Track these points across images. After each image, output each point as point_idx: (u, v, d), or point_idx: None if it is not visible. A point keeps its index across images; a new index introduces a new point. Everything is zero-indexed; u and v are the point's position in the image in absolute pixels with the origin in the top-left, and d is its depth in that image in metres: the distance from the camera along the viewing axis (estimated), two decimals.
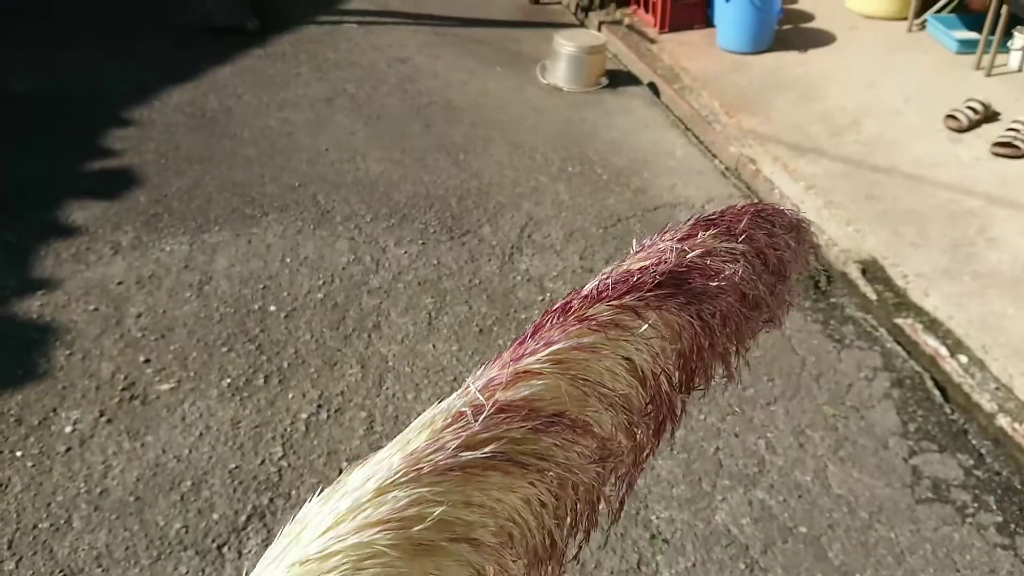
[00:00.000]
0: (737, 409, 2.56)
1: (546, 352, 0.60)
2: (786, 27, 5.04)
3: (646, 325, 0.64)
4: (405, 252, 3.19)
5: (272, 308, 2.88)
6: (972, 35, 4.60)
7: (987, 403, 2.58)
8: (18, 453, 2.31)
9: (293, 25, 5.23)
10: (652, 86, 4.67)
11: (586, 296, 0.65)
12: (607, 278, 0.67)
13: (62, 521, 2.13)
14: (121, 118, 4.04)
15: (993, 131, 3.86)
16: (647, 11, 5.25)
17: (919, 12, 4.94)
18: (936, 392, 2.67)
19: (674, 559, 2.12)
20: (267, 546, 1.68)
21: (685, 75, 4.64)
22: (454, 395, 0.58)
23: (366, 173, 3.72)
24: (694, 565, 2.11)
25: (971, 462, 2.43)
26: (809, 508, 2.27)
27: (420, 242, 3.25)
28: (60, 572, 2.02)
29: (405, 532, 0.51)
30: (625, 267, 0.70)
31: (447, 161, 3.84)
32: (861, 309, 3.02)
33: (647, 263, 0.70)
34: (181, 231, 3.26)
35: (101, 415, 2.44)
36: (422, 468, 0.53)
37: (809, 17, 5.26)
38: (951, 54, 4.65)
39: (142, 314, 2.83)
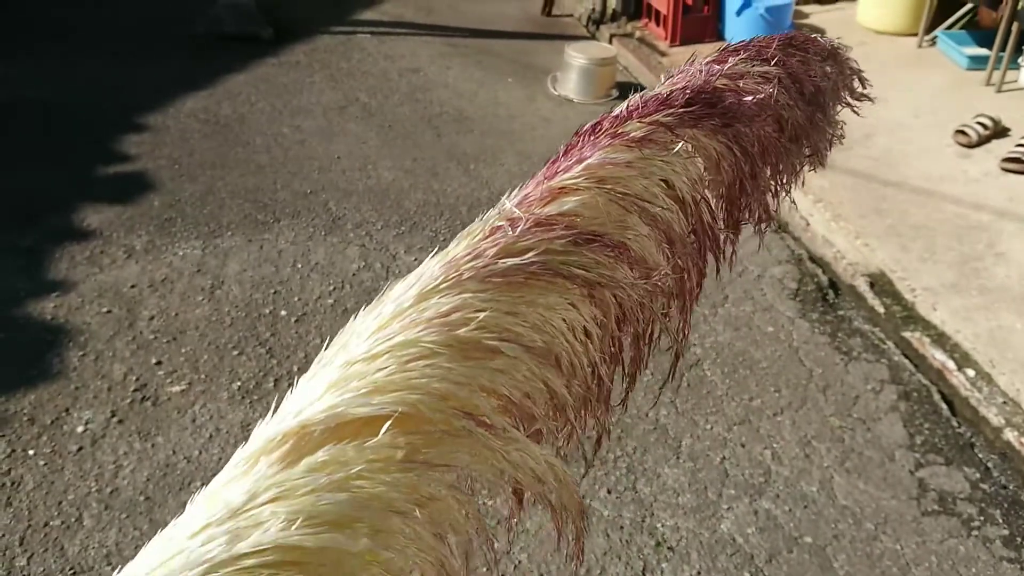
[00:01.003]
0: (744, 419, 2.57)
1: (580, 167, 0.57)
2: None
3: (682, 143, 0.60)
4: (415, 259, 3.22)
5: (283, 313, 2.91)
6: (982, 51, 4.62)
7: (994, 417, 2.58)
8: (31, 452, 2.34)
9: (307, 35, 5.29)
10: None
11: (616, 116, 0.62)
12: (637, 99, 0.64)
13: (73, 519, 2.16)
14: (136, 124, 4.09)
15: (1002, 147, 3.87)
16: (658, 24, 5.29)
17: (930, 28, 4.97)
18: (943, 405, 2.67)
19: (679, 567, 2.13)
20: None
21: None
22: (490, 211, 0.55)
23: (377, 181, 3.76)
24: (699, 573, 2.12)
25: (977, 475, 2.43)
26: (815, 518, 2.27)
27: (431, 249, 3.25)
28: (70, 569, 2.04)
29: (451, 332, 0.49)
30: (654, 92, 0.66)
31: (458, 170, 3.87)
32: (869, 322, 3.02)
33: (677, 86, 0.65)
34: (194, 236, 3.29)
35: (113, 415, 2.47)
36: (463, 275, 0.51)
37: (820, 32, 5.29)
38: (961, 70, 4.66)
39: (154, 317, 2.86)
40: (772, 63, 0.71)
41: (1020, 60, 4.43)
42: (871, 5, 5.23)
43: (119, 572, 0.43)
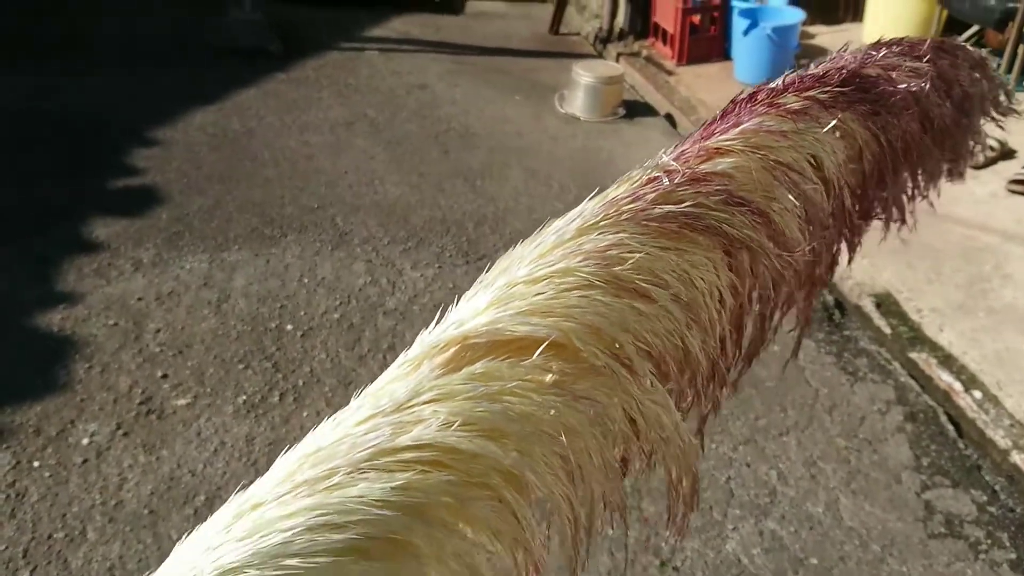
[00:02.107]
0: (749, 439, 2.56)
1: (736, 131, 0.58)
2: (803, 61, 5.09)
3: (834, 121, 0.61)
4: (421, 275, 3.22)
5: (289, 327, 2.91)
6: None
7: (1001, 439, 2.57)
8: (35, 463, 2.34)
9: (316, 51, 5.33)
10: (669, 117, 4.72)
11: (773, 88, 0.62)
12: (794, 75, 0.64)
13: (77, 532, 2.15)
14: (145, 138, 4.12)
15: (1009, 168, 3.88)
16: (665, 43, 5.32)
17: None
18: (950, 427, 2.66)
19: None
20: None
21: (702, 107, 4.68)
22: (648, 162, 0.56)
23: (384, 196, 3.77)
24: None
25: (984, 498, 2.41)
26: (821, 540, 2.26)
27: (436, 266, 3.29)
28: None
29: (608, 268, 0.50)
30: (810, 71, 0.66)
31: (464, 187, 3.88)
32: (875, 342, 3.02)
33: (831, 68, 0.66)
34: (201, 249, 3.30)
35: (118, 428, 2.47)
36: (622, 214, 0.53)
37: (826, 52, 5.31)
38: None
39: (161, 330, 2.87)
40: (924, 60, 0.71)
41: None
42: (877, 26, 5.25)
43: (292, 448, 0.46)
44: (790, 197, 0.59)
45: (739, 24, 4.96)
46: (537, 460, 0.47)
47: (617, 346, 0.50)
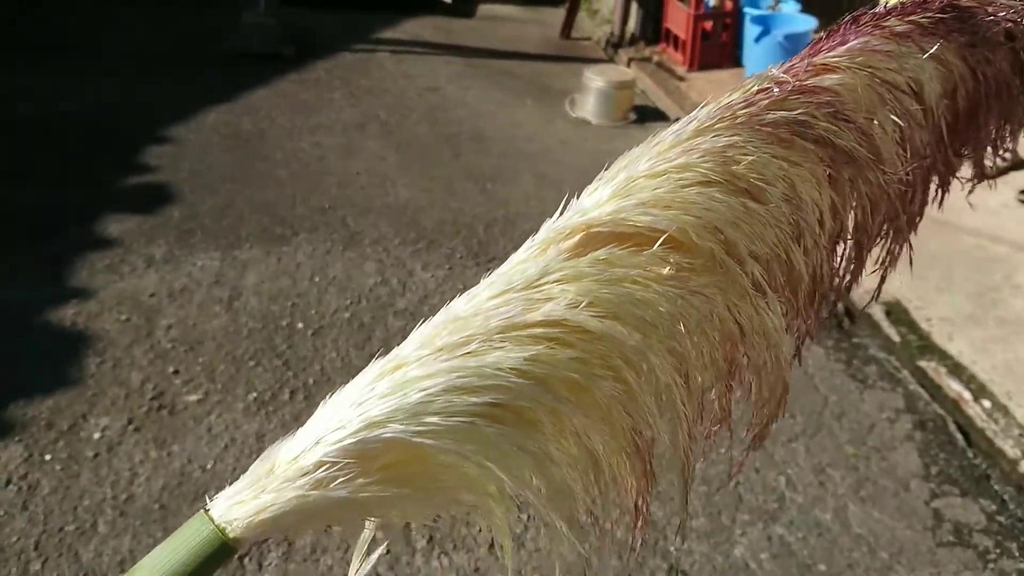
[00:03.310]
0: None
1: (843, 48, 0.60)
2: None
3: (937, 45, 0.62)
4: (432, 276, 3.23)
5: (300, 325, 2.92)
6: None
7: (1010, 449, 2.57)
8: (47, 457, 2.35)
9: (328, 52, 5.36)
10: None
11: (876, 12, 0.64)
12: (896, 0, 0.65)
13: (88, 525, 2.17)
14: (158, 137, 4.14)
15: (1020, 179, 3.87)
16: (676, 49, 5.33)
17: None
18: (959, 436, 2.66)
19: None
20: (287, 560, 1.72)
21: None
22: (759, 73, 0.58)
23: (395, 198, 3.79)
24: None
25: (993, 507, 2.41)
26: (829, 547, 2.26)
27: (447, 267, 3.30)
28: (84, 575, 2.05)
29: (725, 167, 0.52)
30: None
31: (475, 189, 3.89)
32: (884, 350, 3.02)
33: None
34: (213, 247, 3.32)
35: (129, 423, 2.48)
36: (737, 118, 0.54)
37: None
38: None
39: (172, 326, 2.88)
40: None
41: None
42: None
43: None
44: (892, 118, 0.59)
45: (751, 31, 4.97)
46: (656, 349, 0.49)
47: (731, 244, 0.51)
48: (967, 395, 2.76)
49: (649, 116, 4.79)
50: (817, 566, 2.20)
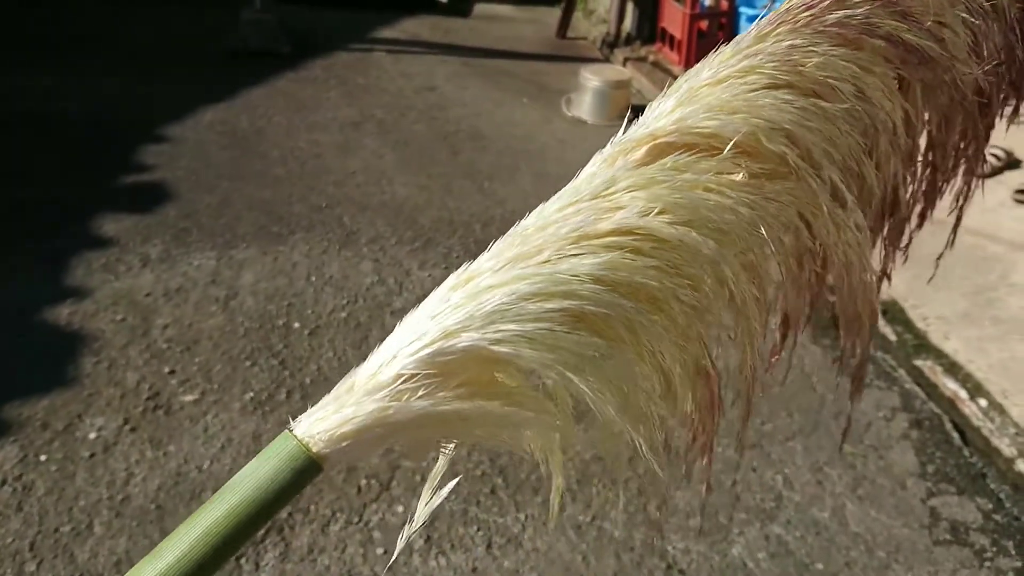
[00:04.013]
0: (755, 443, 2.57)
1: None
2: None
3: None
4: (428, 275, 3.23)
5: (296, 325, 2.92)
6: None
7: (1006, 448, 2.57)
8: (42, 457, 2.34)
9: (325, 51, 5.35)
10: None
11: None
12: None
13: (83, 526, 2.16)
14: (156, 136, 4.13)
15: (1015, 178, 3.88)
16: (672, 49, 5.33)
17: None
18: (955, 435, 2.66)
19: None
20: (284, 560, 1.71)
21: None
22: None
23: (392, 197, 3.78)
24: None
25: (990, 506, 2.41)
26: (826, 545, 2.26)
27: (443, 266, 3.29)
28: None
29: (792, 68, 0.50)
30: None
31: (472, 188, 3.89)
32: (880, 349, 3.02)
33: None
34: (209, 246, 3.31)
35: (125, 423, 2.47)
36: (798, 22, 0.52)
37: None
38: None
39: (168, 326, 2.87)
40: None
41: None
42: None
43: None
44: (964, 15, 0.57)
45: (747, 30, 4.96)
46: (731, 257, 0.47)
47: (804, 148, 0.49)
48: (963, 394, 2.77)
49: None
50: (815, 565, 2.20)
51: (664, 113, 0.50)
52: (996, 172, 3.95)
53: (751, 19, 4.90)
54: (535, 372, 0.43)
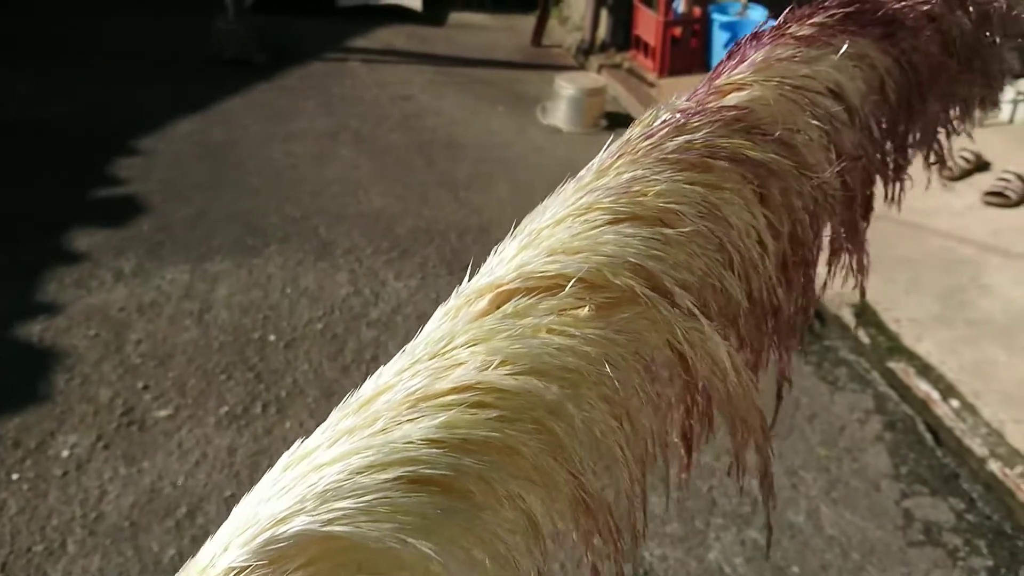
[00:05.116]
0: (731, 448, 2.58)
1: (746, 64, 0.57)
2: None
3: (849, 41, 0.58)
4: (404, 286, 3.23)
5: (271, 338, 2.91)
6: None
7: (978, 448, 2.60)
8: (14, 476, 2.32)
9: (301, 61, 5.33)
10: None
11: (776, 25, 0.60)
12: (792, 11, 0.62)
13: (56, 545, 2.14)
14: (129, 147, 4.11)
15: (984, 180, 3.94)
16: (646, 55, 5.36)
17: None
18: (928, 436, 2.69)
19: None
20: None
21: None
22: (659, 106, 0.55)
23: (368, 207, 3.78)
24: None
25: (962, 506, 2.44)
26: (801, 548, 2.28)
27: (420, 276, 3.29)
28: None
29: (632, 199, 0.50)
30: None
31: (448, 197, 3.89)
32: (854, 352, 3.05)
33: None
34: (183, 259, 3.29)
35: (98, 440, 2.45)
36: (638, 152, 0.52)
37: None
38: None
39: (142, 341, 2.85)
40: None
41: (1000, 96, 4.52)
42: None
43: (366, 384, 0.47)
44: (814, 123, 0.56)
45: (719, 37, 5.01)
46: (583, 397, 0.47)
47: (653, 277, 0.49)
48: (935, 395, 2.80)
49: (620, 122, 4.81)
50: (791, 568, 2.22)
51: (506, 260, 0.50)
52: (965, 175, 4.01)
53: (724, 26, 4.95)
54: (380, 540, 0.42)
